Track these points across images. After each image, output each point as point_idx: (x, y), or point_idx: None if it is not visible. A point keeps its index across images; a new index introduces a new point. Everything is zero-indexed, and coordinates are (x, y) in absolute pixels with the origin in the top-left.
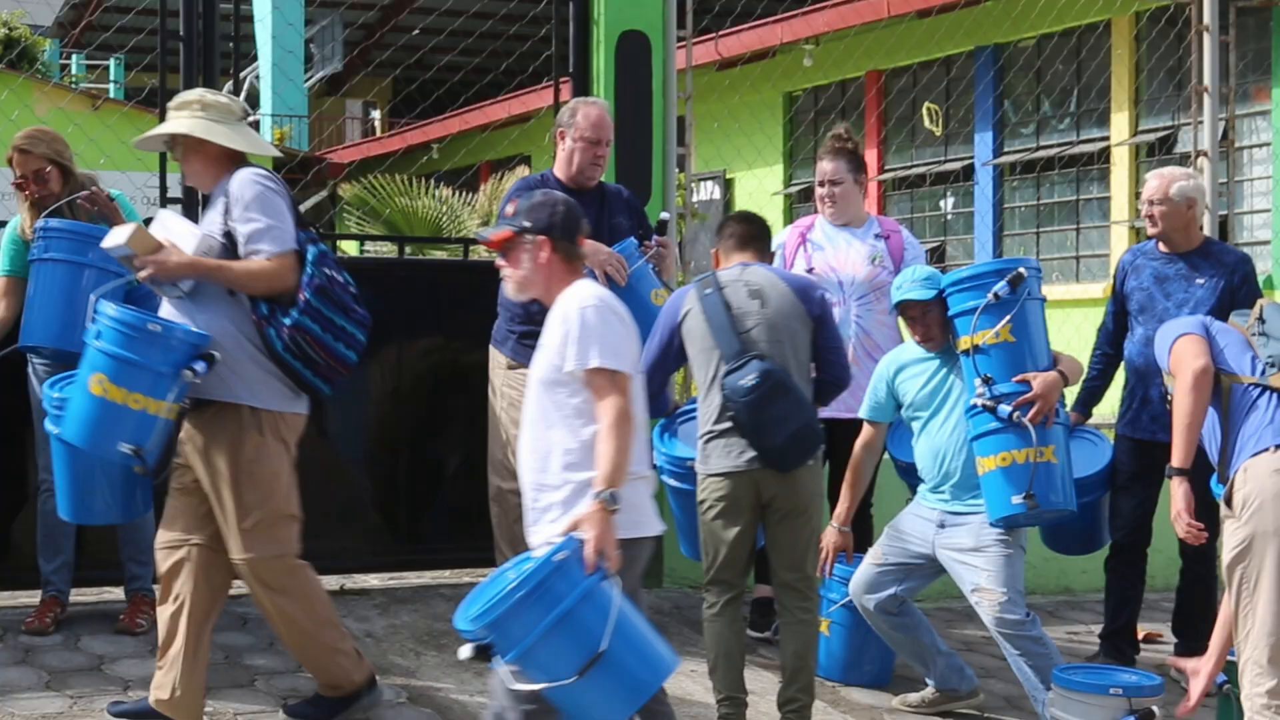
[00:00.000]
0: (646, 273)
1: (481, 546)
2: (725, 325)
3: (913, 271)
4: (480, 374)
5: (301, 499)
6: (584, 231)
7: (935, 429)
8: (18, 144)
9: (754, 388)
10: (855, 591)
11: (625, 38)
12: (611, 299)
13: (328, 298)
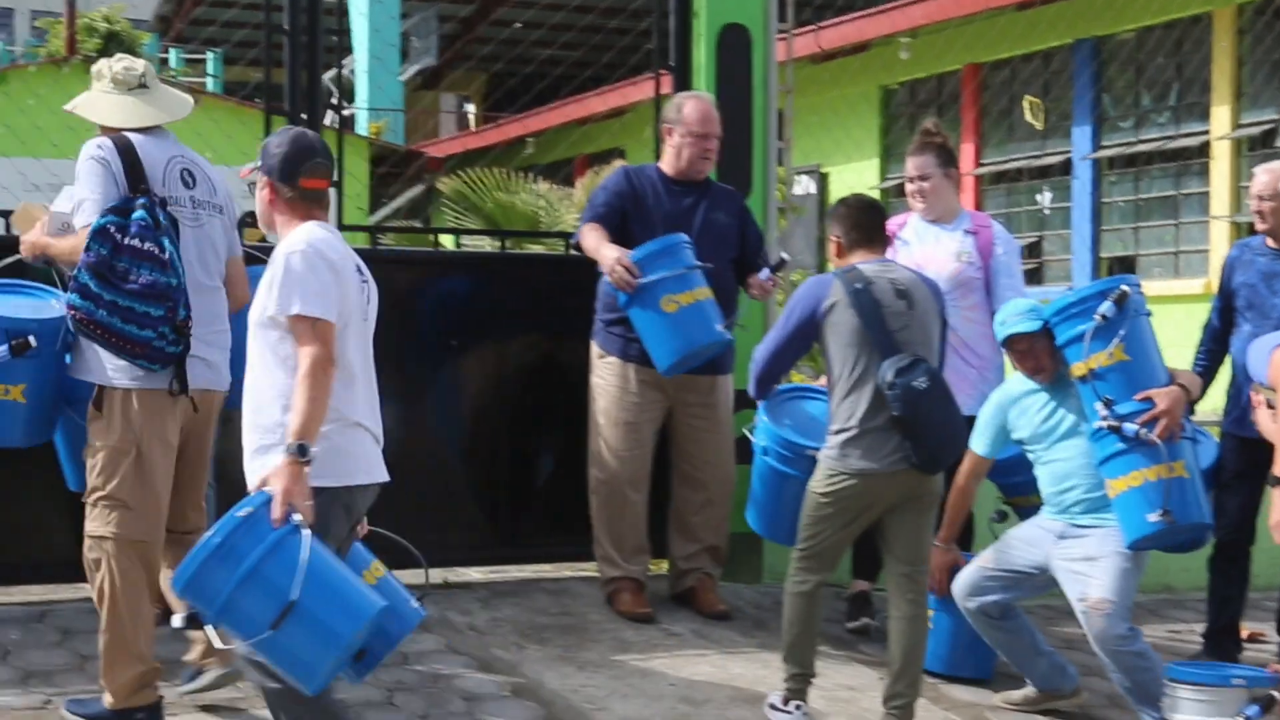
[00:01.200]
0: (678, 278)
1: (581, 541)
2: (880, 322)
3: (1013, 306)
4: (579, 368)
5: (403, 492)
6: (310, 174)
7: (1056, 456)
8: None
9: (926, 390)
10: (959, 593)
11: (726, 31)
12: (326, 244)
13: (100, 274)
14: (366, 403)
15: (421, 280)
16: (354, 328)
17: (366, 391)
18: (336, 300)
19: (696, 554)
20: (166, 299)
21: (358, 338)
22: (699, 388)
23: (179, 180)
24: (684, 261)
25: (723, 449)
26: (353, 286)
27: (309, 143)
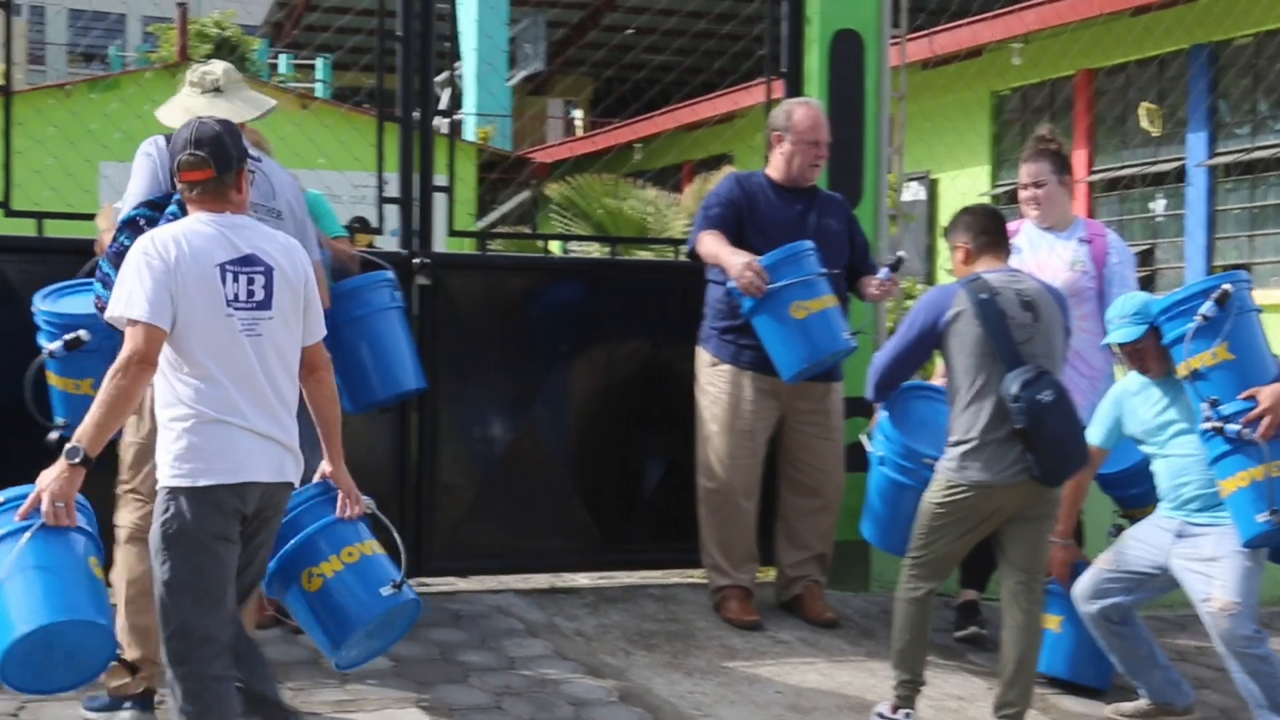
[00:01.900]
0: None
1: (688, 548)
2: (1005, 334)
3: (1122, 305)
4: (687, 374)
5: (512, 498)
6: (182, 168)
7: (1171, 451)
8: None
9: (1052, 404)
10: (1080, 597)
11: (839, 36)
12: (175, 240)
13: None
14: (247, 400)
15: (532, 286)
16: (209, 326)
17: (245, 388)
18: (165, 300)
19: (804, 561)
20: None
21: (218, 334)
22: (812, 395)
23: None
24: (810, 269)
25: (833, 456)
26: (207, 284)
27: (186, 135)
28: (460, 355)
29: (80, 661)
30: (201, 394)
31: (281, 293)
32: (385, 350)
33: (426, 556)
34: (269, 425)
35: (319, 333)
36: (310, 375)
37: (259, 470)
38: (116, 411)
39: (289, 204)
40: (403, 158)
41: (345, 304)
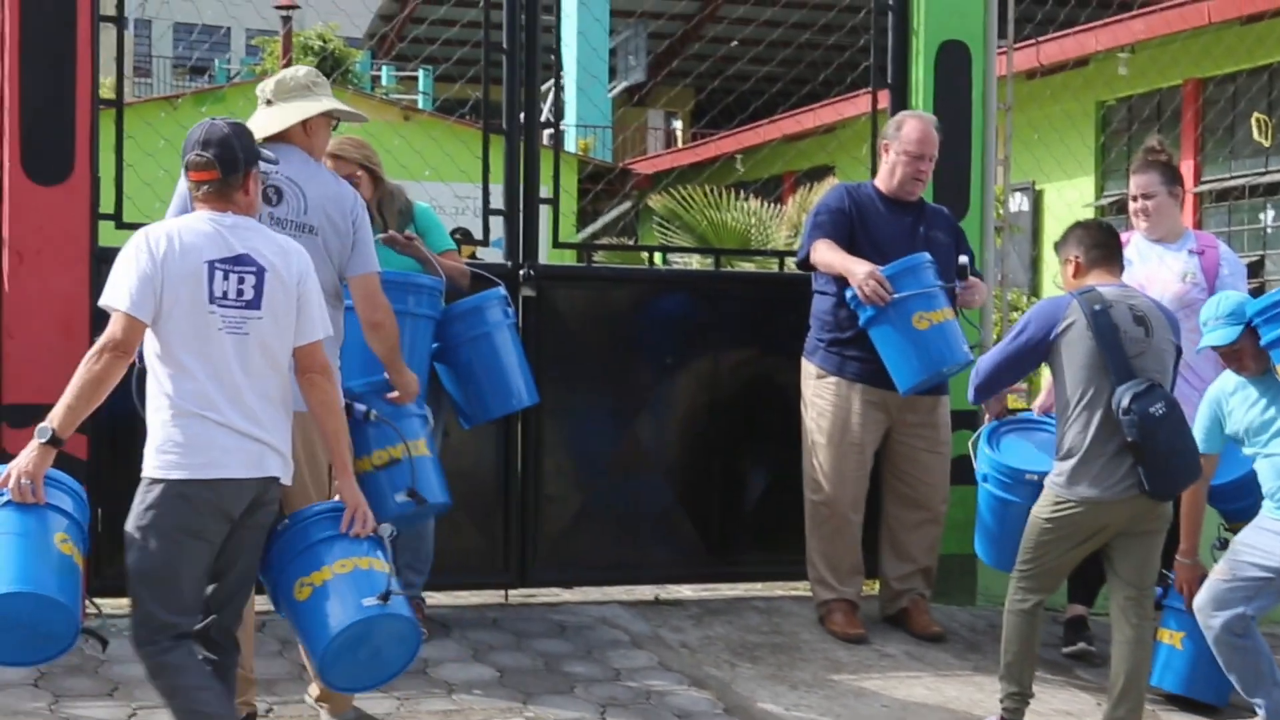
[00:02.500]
0: (925, 295)
1: (793, 560)
2: (1118, 346)
3: (1216, 305)
4: (792, 386)
5: (617, 509)
6: (189, 167)
7: (1273, 451)
8: (331, 149)
9: (1164, 417)
10: (1202, 609)
11: (945, 48)
12: (166, 234)
13: None
14: (223, 396)
15: (636, 298)
16: (190, 321)
17: (223, 384)
18: (148, 293)
19: (910, 575)
20: None
21: (198, 330)
22: (920, 408)
23: (276, 195)
24: (930, 281)
25: (940, 469)
26: (192, 281)
27: (194, 137)
28: (565, 366)
29: (41, 635)
30: (179, 388)
31: (273, 293)
32: (499, 368)
33: (531, 567)
34: (246, 422)
35: (311, 334)
36: (301, 377)
37: (235, 467)
38: (86, 395)
39: (328, 218)
40: (508, 170)
41: (461, 324)
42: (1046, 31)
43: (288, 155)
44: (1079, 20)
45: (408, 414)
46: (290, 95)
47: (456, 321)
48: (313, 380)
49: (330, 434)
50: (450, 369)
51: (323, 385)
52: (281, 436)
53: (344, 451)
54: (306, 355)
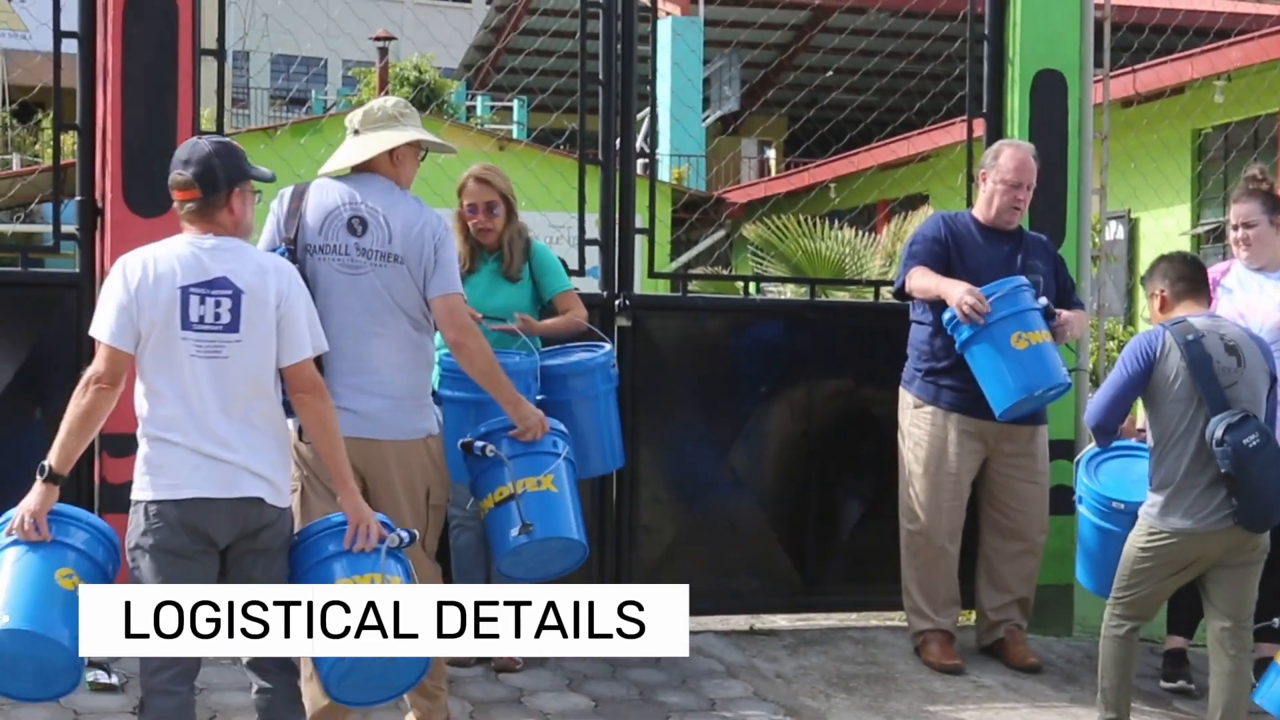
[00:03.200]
0: (1023, 316)
1: (888, 590)
2: (1210, 377)
3: None
4: (887, 415)
5: (711, 539)
6: (171, 186)
7: None
8: (477, 173)
9: (1259, 448)
10: None
11: (1041, 76)
12: (140, 261)
13: None
14: (192, 419)
15: (731, 327)
16: (162, 346)
17: (191, 408)
18: (125, 322)
19: (1007, 605)
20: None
21: (170, 355)
22: (1018, 437)
23: (344, 228)
24: (1026, 303)
25: (1038, 499)
26: (165, 307)
27: (178, 156)
28: (660, 396)
29: (46, 671)
30: (152, 412)
31: (251, 315)
32: (604, 431)
33: None
34: (214, 445)
35: (296, 354)
36: (291, 396)
37: (202, 486)
38: (77, 429)
39: (413, 246)
40: (604, 200)
41: (571, 383)
42: (1142, 59)
43: (371, 185)
44: (1175, 48)
45: (538, 450)
46: (377, 125)
47: (565, 380)
48: (301, 400)
49: (325, 453)
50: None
51: (312, 404)
52: (264, 459)
53: (342, 466)
54: (293, 375)
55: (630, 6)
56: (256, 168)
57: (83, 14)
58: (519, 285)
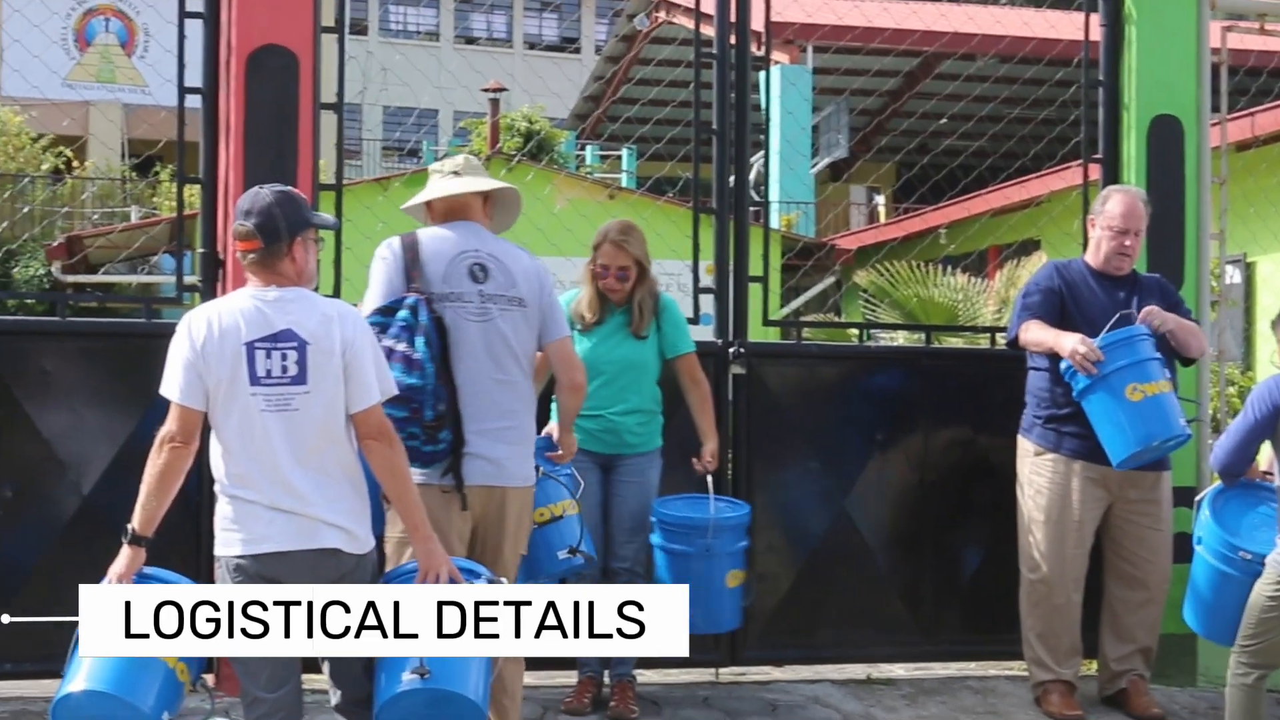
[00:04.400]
0: (1141, 366)
1: (1007, 640)
2: None
3: None
4: (1003, 463)
5: (827, 587)
6: (234, 237)
7: None
8: (614, 236)
9: None
10: None
11: (1157, 121)
12: (205, 317)
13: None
14: (262, 475)
15: (846, 375)
16: (232, 404)
17: (262, 464)
18: (193, 379)
19: (1130, 655)
20: (409, 401)
21: (240, 412)
22: (1142, 484)
23: (466, 275)
24: (1145, 353)
25: (1163, 546)
26: (232, 363)
27: (241, 205)
28: (774, 443)
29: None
30: (228, 468)
31: (318, 365)
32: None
33: (742, 645)
34: (290, 499)
35: (365, 400)
36: (362, 443)
37: (279, 540)
38: (155, 490)
39: (531, 290)
40: (718, 248)
41: (696, 536)
42: (1260, 103)
43: (478, 231)
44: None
45: (561, 472)
46: (476, 171)
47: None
48: (370, 446)
49: (395, 498)
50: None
51: (381, 450)
52: (339, 508)
53: (414, 512)
54: (362, 421)
55: (744, 56)
56: (319, 215)
57: (206, 70)
58: (645, 342)
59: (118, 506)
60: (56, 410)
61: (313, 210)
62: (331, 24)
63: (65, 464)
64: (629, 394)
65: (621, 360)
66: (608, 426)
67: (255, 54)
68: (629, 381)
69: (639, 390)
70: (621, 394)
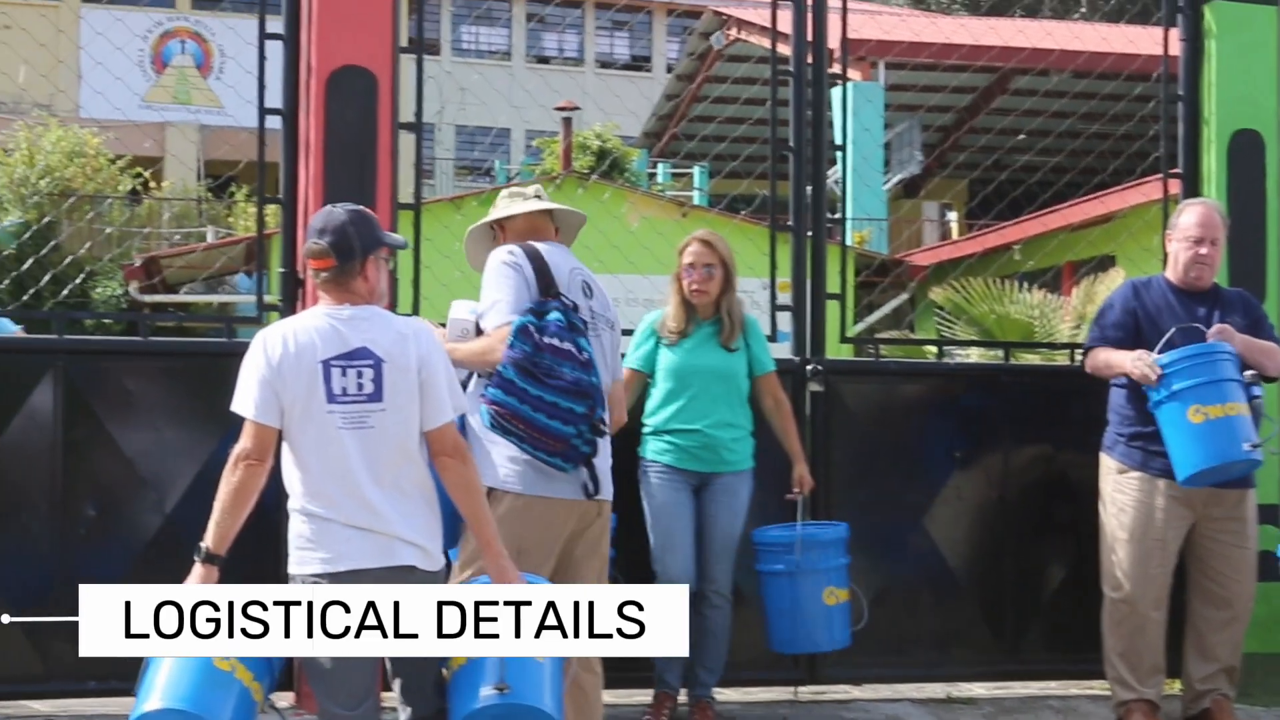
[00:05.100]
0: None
1: (1089, 659)
2: None
3: None
4: (1084, 480)
5: (907, 605)
6: (307, 255)
7: None
8: (701, 235)
9: None
10: None
11: (1238, 136)
12: (280, 335)
13: (524, 369)
14: (341, 493)
15: (924, 392)
16: (309, 421)
17: (341, 482)
18: (269, 396)
19: (1214, 675)
20: (589, 397)
21: (318, 430)
22: (1226, 502)
23: (580, 290)
24: (1213, 373)
25: (1248, 565)
26: (308, 381)
27: (315, 223)
28: (853, 461)
29: None
30: (303, 486)
31: (394, 383)
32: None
33: (821, 664)
34: (367, 517)
35: (439, 418)
36: (436, 460)
37: (357, 558)
38: (230, 508)
39: (616, 317)
40: (795, 266)
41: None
42: None
43: (570, 253)
44: None
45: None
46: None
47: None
48: (445, 463)
49: (470, 515)
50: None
51: (455, 467)
52: (414, 525)
53: (486, 528)
54: (436, 439)
55: (820, 74)
56: (390, 235)
57: (286, 92)
58: (735, 354)
59: (199, 525)
60: (138, 429)
61: (384, 229)
62: (409, 44)
63: (147, 483)
64: (720, 406)
65: (711, 371)
66: (704, 442)
67: (335, 74)
68: (720, 394)
69: (730, 403)
70: (713, 406)
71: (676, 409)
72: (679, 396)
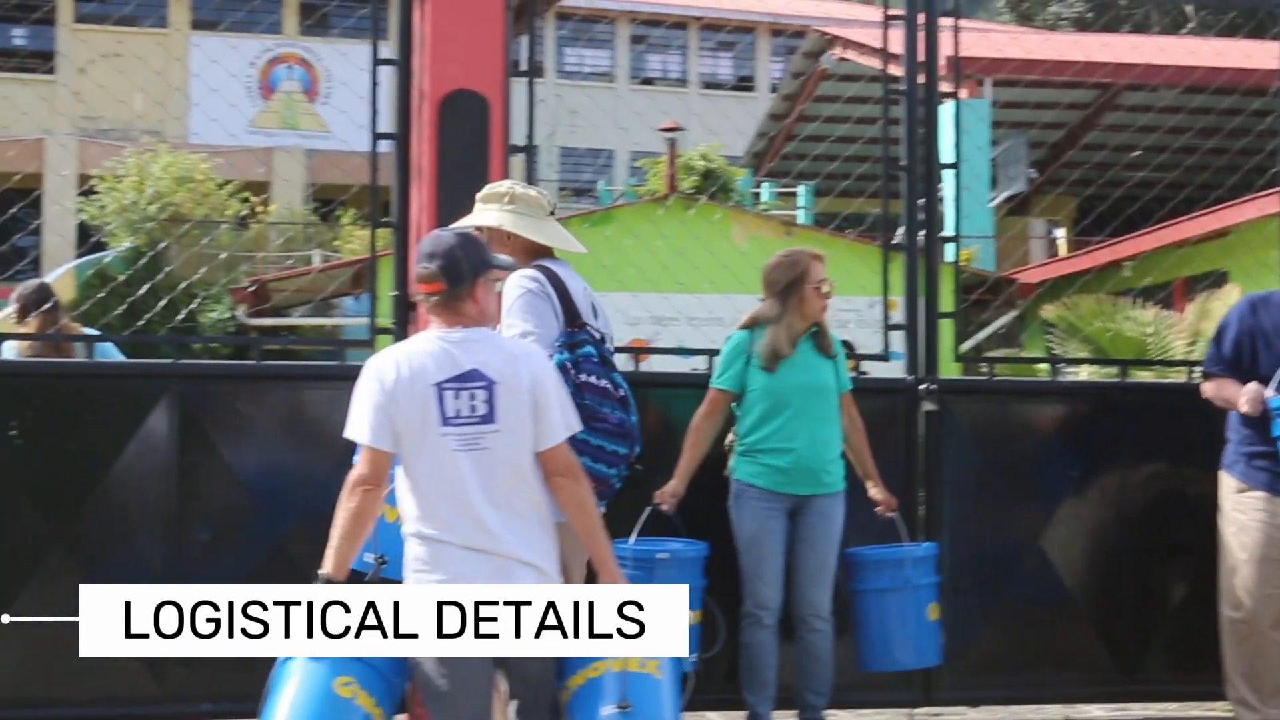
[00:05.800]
0: None
1: (1209, 680)
2: None
3: None
4: (1202, 499)
5: (1022, 625)
6: (418, 279)
7: None
8: (811, 251)
9: None
10: None
11: None
12: (392, 360)
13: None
14: (456, 515)
15: (1039, 411)
16: (423, 445)
17: (456, 504)
18: (383, 421)
19: None
20: (629, 437)
21: (432, 453)
22: None
23: (592, 312)
24: None
25: None
26: (423, 405)
27: (424, 248)
28: (966, 480)
29: None
30: (418, 509)
31: (507, 405)
32: None
33: (936, 685)
34: (484, 539)
35: (552, 438)
36: (549, 480)
37: (476, 579)
38: (349, 533)
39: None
40: (908, 285)
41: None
42: None
43: (574, 273)
44: None
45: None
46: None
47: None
48: (558, 483)
49: (585, 533)
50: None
51: (569, 487)
52: (531, 545)
53: (602, 547)
54: (550, 459)
55: (932, 92)
56: (499, 257)
57: (399, 116)
58: (831, 364)
59: (311, 549)
60: (251, 453)
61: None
62: (521, 68)
63: (259, 507)
64: (818, 426)
65: (811, 388)
66: (801, 463)
67: (447, 98)
68: (818, 413)
69: (826, 420)
70: (811, 426)
71: (774, 428)
72: (777, 415)
